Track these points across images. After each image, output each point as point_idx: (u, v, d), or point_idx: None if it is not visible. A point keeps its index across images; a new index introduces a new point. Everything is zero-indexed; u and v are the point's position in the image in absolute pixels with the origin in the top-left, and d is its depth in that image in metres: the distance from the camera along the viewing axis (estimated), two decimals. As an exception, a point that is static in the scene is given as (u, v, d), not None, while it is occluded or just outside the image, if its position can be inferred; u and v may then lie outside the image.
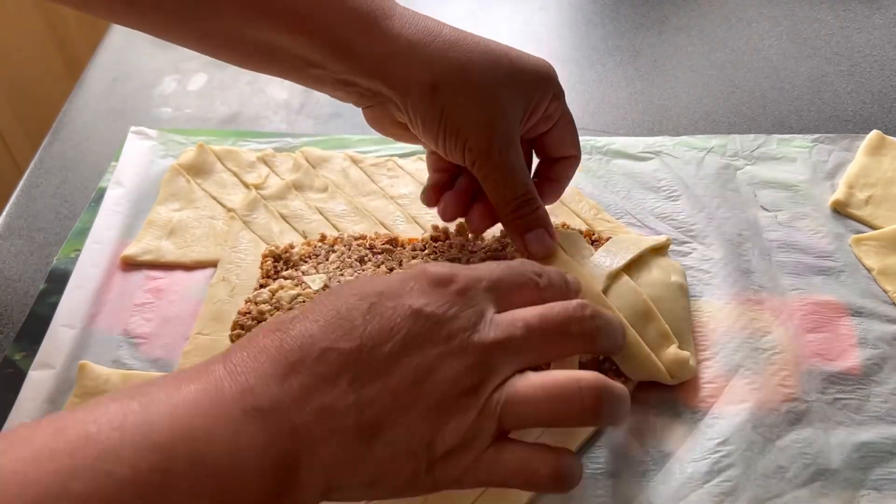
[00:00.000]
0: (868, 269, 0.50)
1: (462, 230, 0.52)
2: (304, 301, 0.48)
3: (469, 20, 0.73)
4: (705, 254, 0.51)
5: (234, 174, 0.58)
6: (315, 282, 0.49)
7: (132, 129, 0.61)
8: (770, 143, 0.58)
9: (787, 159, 0.57)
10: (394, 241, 0.52)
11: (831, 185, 0.55)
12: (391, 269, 0.49)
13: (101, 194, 0.56)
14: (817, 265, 0.51)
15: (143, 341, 0.48)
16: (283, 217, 0.54)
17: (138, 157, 0.59)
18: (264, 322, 0.45)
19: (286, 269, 0.50)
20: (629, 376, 0.44)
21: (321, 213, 0.55)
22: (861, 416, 0.43)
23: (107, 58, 0.71)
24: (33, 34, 1.15)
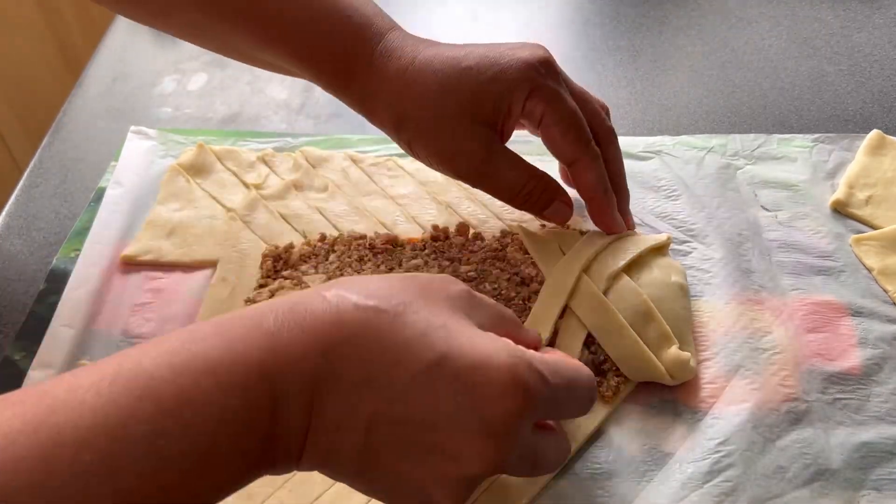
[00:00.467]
0: (868, 269, 0.50)
1: (462, 230, 0.52)
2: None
3: (469, 20, 0.73)
4: (705, 254, 0.51)
5: (234, 174, 0.57)
6: (315, 282, 0.49)
7: (132, 128, 0.61)
8: (770, 143, 0.58)
9: (787, 159, 0.57)
10: (394, 241, 0.52)
11: (831, 184, 0.55)
12: (391, 269, 0.49)
13: (100, 194, 0.56)
14: (817, 265, 0.50)
15: (142, 341, 0.48)
16: (283, 217, 0.54)
17: (138, 157, 0.59)
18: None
19: (286, 269, 0.50)
20: (629, 377, 0.44)
21: (321, 213, 0.55)
22: (861, 417, 0.43)
23: (107, 58, 0.71)
24: (33, 34, 1.15)
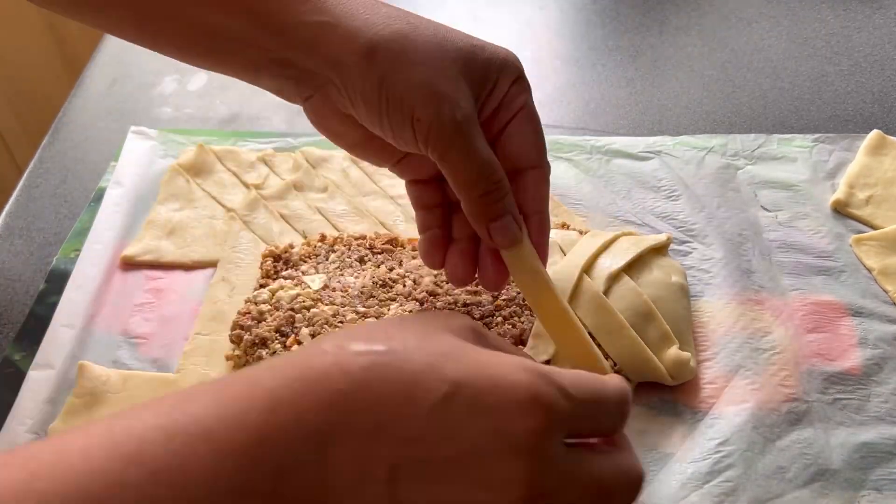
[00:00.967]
0: (868, 269, 0.50)
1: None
2: (303, 301, 0.48)
3: (469, 20, 0.73)
4: (705, 254, 0.51)
5: (234, 174, 0.57)
6: (315, 282, 0.49)
7: (132, 129, 0.61)
8: (770, 143, 0.58)
9: (787, 159, 0.57)
10: (394, 241, 0.52)
11: (832, 184, 0.55)
12: (391, 269, 0.49)
13: (100, 194, 0.56)
14: (817, 265, 0.50)
15: (142, 341, 0.48)
16: (283, 217, 0.54)
17: (138, 157, 0.59)
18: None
19: (286, 269, 0.50)
20: (629, 377, 0.44)
21: (321, 213, 0.55)
22: (861, 417, 0.43)
23: (107, 58, 0.71)
24: (33, 34, 1.15)
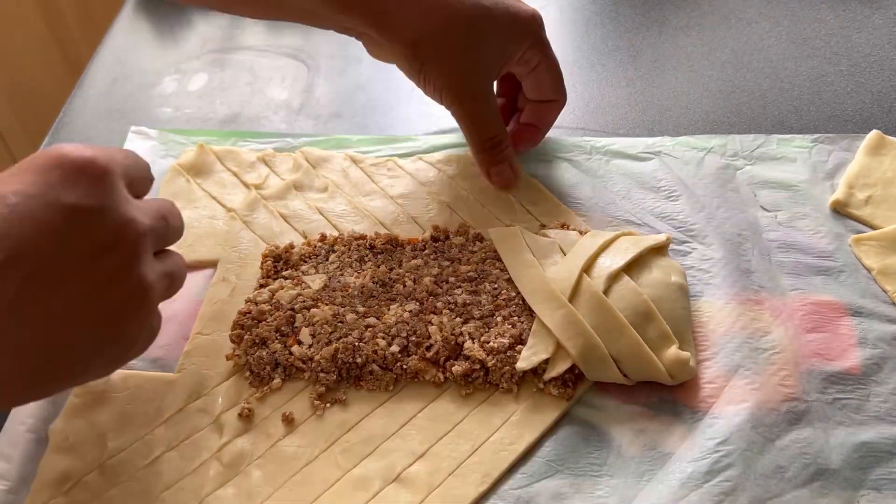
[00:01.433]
0: (868, 269, 0.50)
1: (462, 230, 0.52)
2: (303, 301, 0.48)
3: (469, 20, 0.73)
4: (705, 254, 0.51)
5: (234, 174, 0.58)
6: (315, 282, 0.49)
7: (132, 129, 0.61)
8: (770, 143, 0.58)
9: (786, 159, 0.57)
10: (394, 241, 0.52)
11: (831, 185, 0.55)
12: (391, 269, 0.49)
13: (101, 194, 0.56)
14: (817, 265, 0.51)
15: (143, 341, 0.48)
16: (283, 217, 0.54)
17: (138, 157, 0.59)
18: None
19: (286, 269, 0.50)
20: (630, 377, 0.44)
21: (321, 213, 0.55)
22: (861, 416, 0.43)
23: (107, 58, 0.71)
24: (33, 34, 1.15)
